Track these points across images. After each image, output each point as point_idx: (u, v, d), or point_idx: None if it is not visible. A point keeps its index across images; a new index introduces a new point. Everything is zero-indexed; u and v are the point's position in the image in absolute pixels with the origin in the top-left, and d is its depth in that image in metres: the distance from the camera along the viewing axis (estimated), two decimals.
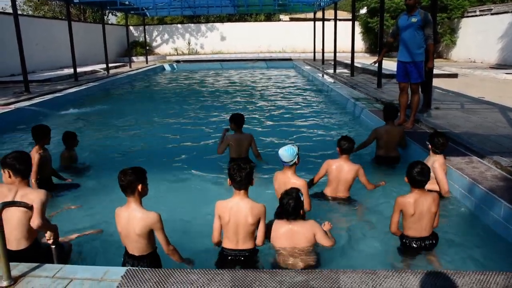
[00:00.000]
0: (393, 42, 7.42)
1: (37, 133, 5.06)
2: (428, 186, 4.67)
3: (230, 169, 3.36)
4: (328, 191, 4.81)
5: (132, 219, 3.10)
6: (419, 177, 3.56)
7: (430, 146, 4.78)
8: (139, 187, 3.14)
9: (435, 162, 4.63)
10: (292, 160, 4.07)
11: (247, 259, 3.37)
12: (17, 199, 3.17)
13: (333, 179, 4.75)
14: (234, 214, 3.30)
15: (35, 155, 4.86)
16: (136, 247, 3.17)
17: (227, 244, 3.40)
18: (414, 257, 3.63)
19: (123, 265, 3.26)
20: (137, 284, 2.70)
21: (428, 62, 6.94)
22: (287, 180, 4.09)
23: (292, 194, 3.38)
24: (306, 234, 3.40)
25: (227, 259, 3.37)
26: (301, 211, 3.44)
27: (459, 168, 4.85)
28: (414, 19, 6.74)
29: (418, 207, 3.53)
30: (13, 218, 3.14)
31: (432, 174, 4.59)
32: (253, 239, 3.41)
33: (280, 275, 2.76)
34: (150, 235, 3.16)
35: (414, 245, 3.62)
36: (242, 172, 3.29)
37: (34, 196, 3.20)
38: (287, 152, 4.06)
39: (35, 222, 3.10)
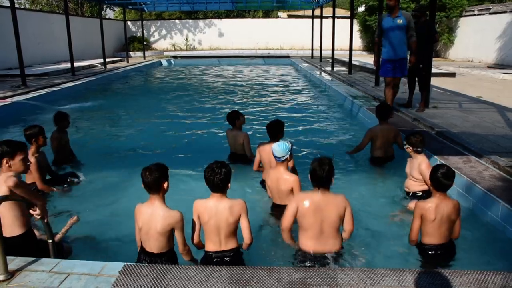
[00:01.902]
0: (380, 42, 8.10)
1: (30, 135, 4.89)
2: (418, 187, 4.66)
3: (205, 172, 3.23)
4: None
5: (155, 216, 3.07)
6: (444, 180, 3.38)
7: (410, 148, 4.65)
8: (165, 184, 3.13)
9: (422, 163, 4.53)
10: (284, 156, 4.09)
11: (233, 260, 3.25)
12: None
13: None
14: (214, 215, 3.19)
15: (31, 159, 4.75)
16: (155, 245, 3.14)
17: (210, 247, 3.29)
18: (429, 264, 3.50)
19: (139, 261, 3.23)
20: (135, 280, 2.69)
21: (411, 58, 7.86)
22: (280, 175, 4.12)
23: (325, 160, 3.26)
24: (338, 206, 3.28)
25: (212, 262, 3.25)
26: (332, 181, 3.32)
27: (457, 168, 4.86)
28: (399, 21, 7.53)
29: (439, 213, 3.37)
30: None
31: (419, 176, 4.59)
32: (236, 238, 3.32)
33: (278, 272, 2.75)
34: (170, 233, 3.15)
35: (430, 252, 3.47)
36: (216, 177, 3.16)
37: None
38: (280, 148, 4.09)
39: None
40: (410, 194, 4.73)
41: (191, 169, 5.83)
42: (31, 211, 3.01)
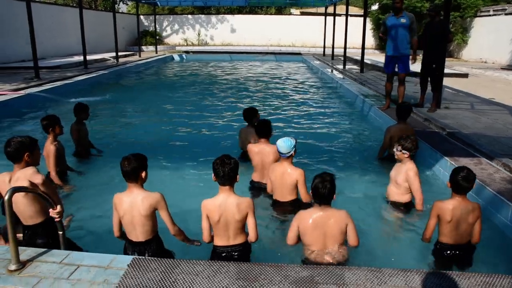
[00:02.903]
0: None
1: (48, 123, 5.02)
2: (398, 197, 4.45)
3: (214, 164, 3.24)
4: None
5: (136, 202, 3.15)
6: (464, 183, 3.35)
7: (406, 154, 4.36)
8: (143, 174, 3.21)
9: (410, 170, 4.31)
10: (289, 152, 4.15)
11: (241, 255, 3.29)
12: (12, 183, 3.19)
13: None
14: (223, 212, 3.20)
15: (50, 147, 4.90)
16: (141, 232, 3.20)
17: (218, 241, 3.31)
18: (444, 264, 3.50)
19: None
20: (143, 273, 2.72)
21: (412, 55, 8.36)
22: (284, 170, 4.18)
23: (327, 177, 3.25)
24: (339, 222, 3.27)
25: (221, 257, 3.27)
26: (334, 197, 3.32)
27: None
28: (403, 20, 8.01)
29: (456, 215, 3.35)
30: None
31: (403, 183, 4.35)
32: (244, 232, 3.35)
33: (286, 270, 2.77)
34: (154, 216, 3.23)
35: (446, 253, 3.45)
36: (226, 167, 3.18)
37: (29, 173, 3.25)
38: (285, 144, 4.14)
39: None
40: (389, 203, 4.55)
41: (198, 165, 5.87)
42: (50, 211, 3.07)
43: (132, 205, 3.16)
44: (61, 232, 3.10)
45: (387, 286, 2.60)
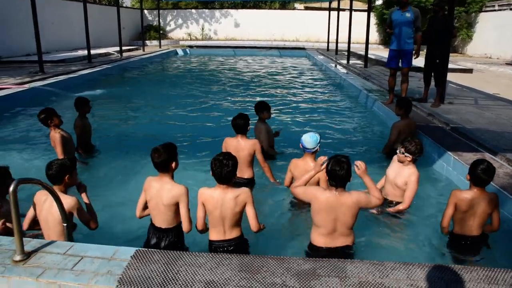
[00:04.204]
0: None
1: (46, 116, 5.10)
2: (394, 197, 4.29)
3: (212, 164, 3.21)
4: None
5: (163, 190, 3.26)
6: (484, 176, 3.35)
7: (409, 157, 4.16)
8: (173, 164, 3.31)
9: (413, 175, 4.12)
10: (314, 147, 4.12)
11: (238, 250, 3.27)
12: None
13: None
14: (220, 206, 3.20)
15: (55, 135, 5.01)
16: (163, 219, 3.32)
17: (214, 235, 3.32)
18: (455, 253, 3.53)
19: (148, 237, 3.42)
20: (146, 265, 2.74)
21: (415, 51, 8.27)
22: (308, 166, 4.08)
23: (343, 159, 3.19)
24: (353, 206, 3.20)
25: (217, 252, 3.23)
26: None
27: None
28: (408, 14, 8.01)
29: (474, 206, 3.36)
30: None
31: (403, 186, 4.19)
32: (240, 226, 3.34)
33: (288, 262, 2.78)
34: (177, 207, 3.29)
35: (458, 242, 3.48)
36: (224, 169, 3.16)
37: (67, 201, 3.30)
38: (311, 139, 4.10)
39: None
40: (386, 201, 4.32)
41: (200, 157, 5.88)
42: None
43: (158, 193, 3.28)
44: (65, 224, 3.13)
45: (389, 279, 2.61)
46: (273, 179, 4.88)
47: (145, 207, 3.46)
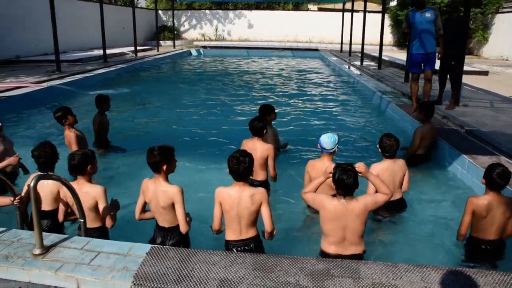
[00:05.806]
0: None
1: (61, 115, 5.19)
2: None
3: (229, 161, 3.24)
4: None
5: (158, 192, 3.29)
6: (499, 181, 3.33)
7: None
8: (164, 167, 3.28)
9: (404, 166, 4.26)
10: (332, 148, 4.09)
11: (254, 249, 3.28)
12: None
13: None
14: (237, 204, 3.21)
15: (70, 134, 5.10)
16: (164, 219, 3.36)
17: (231, 235, 3.32)
18: (476, 258, 3.51)
19: (154, 236, 3.45)
20: (161, 262, 2.78)
21: (439, 51, 7.97)
22: (325, 167, 4.05)
23: (348, 167, 3.16)
24: (361, 214, 3.17)
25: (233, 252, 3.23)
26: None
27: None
28: (428, 14, 7.59)
29: (492, 211, 3.34)
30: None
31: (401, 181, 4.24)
32: (256, 226, 3.35)
33: (302, 262, 2.79)
34: (173, 208, 3.30)
35: (479, 247, 3.45)
36: (241, 166, 3.19)
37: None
38: (329, 139, 4.07)
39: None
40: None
41: (212, 159, 5.92)
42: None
43: (154, 194, 3.31)
44: (82, 220, 3.18)
45: (402, 281, 2.61)
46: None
47: (145, 209, 3.50)
